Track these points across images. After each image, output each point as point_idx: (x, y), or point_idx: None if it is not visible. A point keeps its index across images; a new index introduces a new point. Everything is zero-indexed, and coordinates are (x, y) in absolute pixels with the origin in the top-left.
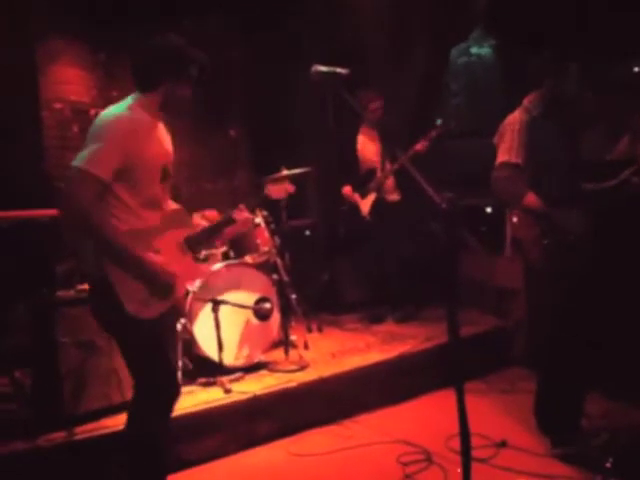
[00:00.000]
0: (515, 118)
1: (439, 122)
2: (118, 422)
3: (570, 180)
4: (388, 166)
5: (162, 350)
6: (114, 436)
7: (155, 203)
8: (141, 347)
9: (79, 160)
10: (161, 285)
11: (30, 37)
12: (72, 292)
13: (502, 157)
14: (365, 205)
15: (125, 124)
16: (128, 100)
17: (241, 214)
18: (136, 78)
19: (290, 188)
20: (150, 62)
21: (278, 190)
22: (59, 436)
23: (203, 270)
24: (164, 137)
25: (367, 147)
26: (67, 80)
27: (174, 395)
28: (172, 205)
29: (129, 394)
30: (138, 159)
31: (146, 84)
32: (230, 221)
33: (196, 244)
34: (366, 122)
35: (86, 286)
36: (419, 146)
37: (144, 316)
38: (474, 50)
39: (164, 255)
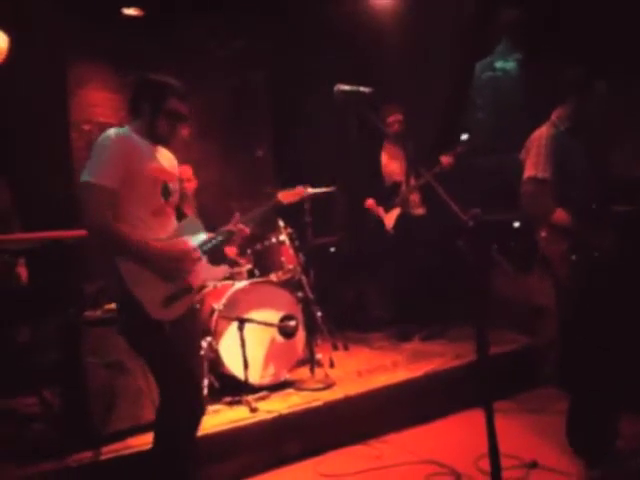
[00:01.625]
0: (542, 133)
1: (465, 138)
2: (145, 441)
3: (598, 196)
4: (412, 181)
5: (185, 361)
6: (141, 455)
7: (163, 213)
8: (165, 353)
9: (84, 175)
10: (180, 265)
11: (62, 62)
12: (99, 312)
13: (529, 172)
14: (389, 219)
15: (123, 139)
16: (126, 126)
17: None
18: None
19: (302, 191)
20: (134, 93)
21: (290, 195)
22: (87, 456)
23: (219, 272)
24: (164, 159)
25: (390, 164)
26: (96, 103)
27: (198, 410)
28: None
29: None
30: (138, 170)
31: (133, 112)
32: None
33: (211, 246)
34: (388, 138)
35: (114, 306)
36: (445, 162)
37: (166, 318)
38: (499, 64)
39: None
